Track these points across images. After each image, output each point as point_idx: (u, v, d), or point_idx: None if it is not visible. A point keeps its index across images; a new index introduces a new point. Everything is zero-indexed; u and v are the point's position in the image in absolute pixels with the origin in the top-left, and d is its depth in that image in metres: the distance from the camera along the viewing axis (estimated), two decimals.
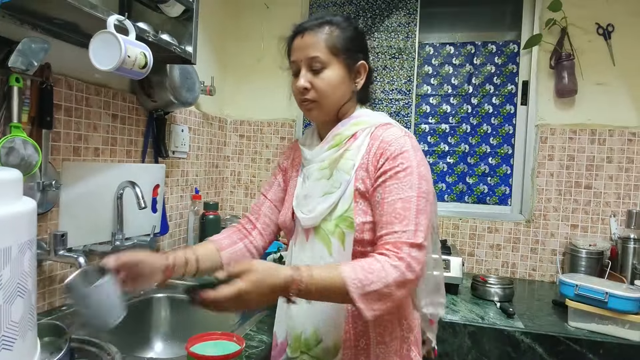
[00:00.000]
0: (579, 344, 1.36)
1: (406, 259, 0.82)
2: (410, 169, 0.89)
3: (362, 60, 1.00)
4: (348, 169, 0.94)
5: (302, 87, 0.96)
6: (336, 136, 0.99)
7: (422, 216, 0.86)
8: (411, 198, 0.86)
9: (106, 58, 1.03)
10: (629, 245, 1.80)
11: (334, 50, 0.95)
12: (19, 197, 0.63)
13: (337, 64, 0.96)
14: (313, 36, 0.95)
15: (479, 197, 2.18)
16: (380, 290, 0.79)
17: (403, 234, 0.84)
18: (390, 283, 0.80)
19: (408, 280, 0.81)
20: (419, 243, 0.83)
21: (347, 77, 0.98)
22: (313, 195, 0.98)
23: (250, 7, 2.30)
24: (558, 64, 1.95)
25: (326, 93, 0.96)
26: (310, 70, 0.96)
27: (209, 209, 1.84)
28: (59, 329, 0.83)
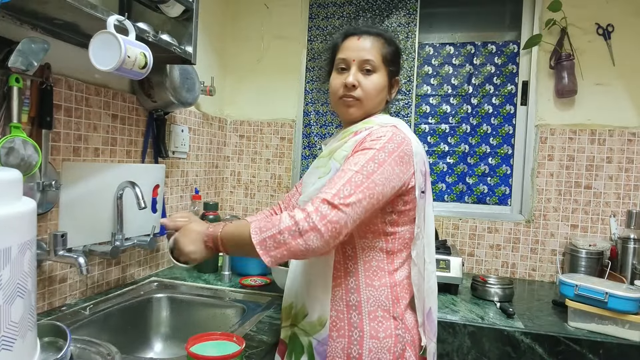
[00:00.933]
0: (579, 344, 1.36)
1: (309, 210, 0.85)
2: (368, 150, 0.93)
3: (397, 76, 1.11)
4: (340, 159, 1.00)
5: (351, 84, 1.03)
6: (345, 132, 1.07)
7: (350, 187, 0.87)
8: (349, 171, 0.90)
9: (106, 58, 1.03)
10: (629, 245, 1.80)
11: (384, 59, 1.05)
12: (19, 197, 0.63)
13: (383, 72, 1.06)
14: (370, 41, 1.05)
15: (479, 197, 2.18)
16: (274, 236, 0.85)
17: (323, 193, 0.88)
18: (282, 229, 0.85)
19: (302, 230, 0.84)
20: (332, 202, 0.85)
21: (387, 87, 1.08)
22: (310, 180, 1.08)
23: (250, 7, 2.30)
24: (558, 64, 1.95)
25: (370, 94, 1.04)
26: (361, 71, 1.04)
27: (209, 209, 1.84)
28: (59, 329, 0.83)
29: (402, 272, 1.02)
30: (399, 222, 1.00)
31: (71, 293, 1.32)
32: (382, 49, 1.05)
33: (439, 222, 2.11)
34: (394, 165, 0.93)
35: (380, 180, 0.90)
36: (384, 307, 0.98)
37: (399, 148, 0.95)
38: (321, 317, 1.00)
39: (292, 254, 0.87)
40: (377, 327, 0.97)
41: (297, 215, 0.86)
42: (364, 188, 0.88)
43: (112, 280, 1.50)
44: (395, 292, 1.00)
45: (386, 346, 0.96)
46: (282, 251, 0.86)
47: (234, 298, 1.48)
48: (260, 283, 1.61)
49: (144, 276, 1.66)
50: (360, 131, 1.02)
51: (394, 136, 0.96)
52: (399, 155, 0.94)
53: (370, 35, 1.06)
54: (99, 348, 0.93)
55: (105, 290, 1.46)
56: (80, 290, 1.36)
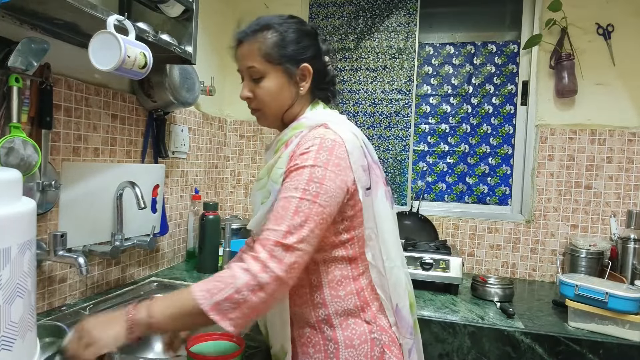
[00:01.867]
0: (579, 344, 1.36)
1: (262, 258, 0.78)
2: (302, 170, 0.85)
3: (307, 62, 0.96)
4: (277, 178, 0.91)
5: (244, 97, 0.98)
6: (278, 142, 0.99)
7: (300, 218, 0.81)
8: (292, 198, 0.83)
9: (106, 58, 1.03)
10: (629, 246, 1.79)
11: (268, 58, 0.94)
12: (18, 197, 0.63)
13: (274, 71, 0.95)
14: (248, 46, 0.96)
15: (479, 197, 2.18)
16: (231, 297, 0.75)
17: (273, 232, 0.81)
18: (240, 287, 0.76)
19: (263, 283, 0.76)
20: (286, 243, 0.79)
21: (288, 83, 0.97)
22: (255, 203, 0.99)
23: (250, 7, 2.30)
24: (558, 64, 1.95)
25: (266, 102, 0.97)
26: (252, 80, 0.97)
27: (209, 209, 1.83)
28: (60, 329, 0.83)
29: (367, 276, 0.98)
30: (353, 225, 0.95)
31: (71, 293, 1.32)
32: (263, 48, 0.94)
33: (439, 222, 2.10)
34: (334, 178, 0.86)
35: (327, 201, 0.84)
36: (354, 314, 0.95)
37: (332, 155, 0.87)
38: (283, 346, 0.96)
39: (255, 311, 0.78)
40: (351, 335, 0.93)
41: (252, 267, 0.77)
42: (314, 214, 0.82)
43: (112, 280, 1.50)
44: (363, 297, 0.96)
45: (362, 352, 0.93)
46: (242, 310, 0.76)
47: None
48: None
49: (144, 276, 1.66)
50: (291, 140, 0.95)
51: (322, 143, 0.88)
52: (335, 164, 0.87)
53: (247, 38, 0.96)
54: None
55: (105, 290, 1.46)
56: (80, 290, 1.36)
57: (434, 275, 1.69)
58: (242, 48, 0.97)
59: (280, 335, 0.96)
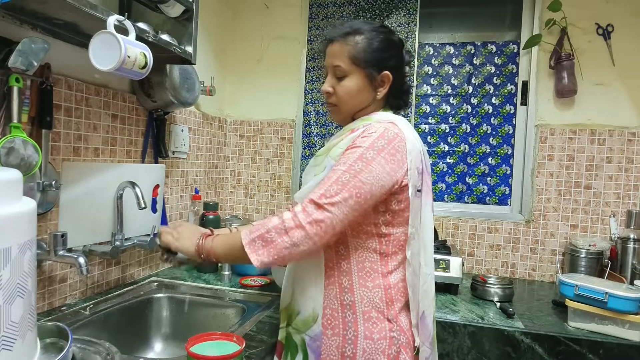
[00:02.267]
0: (579, 344, 1.36)
1: (296, 210, 0.89)
2: (357, 149, 0.93)
3: (388, 70, 1.03)
4: (335, 156, 0.99)
5: (325, 91, 1.06)
6: (345, 129, 1.07)
7: (337, 185, 0.90)
8: (337, 170, 0.92)
9: (106, 58, 1.03)
10: (629, 245, 1.80)
11: (355, 60, 1.01)
12: (19, 197, 0.63)
13: (357, 73, 1.02)
14: (339, 46, 1.03)
15: (479, 197, 2.18)
16: (262, 235, 0.89)
17: (312, 194, 0.91)
18: (270, 228, 0.89)
19: (288, 227, 0.88)
20: (318, 202, 0.89)
21: (368, 86, 1.04)
22: (307, 177, 1.07)
23: (250, 7, 2.30)
24: (558, 64, 1.95)
25: (344, 99, 1.04)
26: (335, 77, 1.04)
27: (209, 209, 1.84)
28: (61, 330, 0.83)
29: (396, 275, 1.00)
30: (394, 222, 0.98)
31: (71, 293, 1.32)
32: (352, 50, 1.01)
33: (439, 222, 2.11)
34: (383, 164, 0.92)
35: (368, 180, 0.91)
36: (378, 309, 0.97)
37: (390, 145, 0.94)
38: (314, 312, 1.00)
39: (278, 253, 0.88)
40: (371, 327, 0.96)
41: (285, 215, 0.90)
42: (351, 187, 0.89)
43: (112, 280, 1.50)
44: (389, 295, 0.98)
45: (380, 348, 0.95)
46: (269, 249, 0.89)
47: (234, 298, 1.48)
48: (260, 283, 1.61)
49: (144, 276, 1.66)
50: (358, 128, 1.01)
51: (385, 132, 0.95)
52: (390, 153, 0.93)
53: (338, 39, 1.03)
54: (98, 348, 0.93)
55: (105, 290, 1.46)
56: (80, 290, 1.36)
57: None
58: (333, 47, 1.04)
59: (314, 300, 1.01)
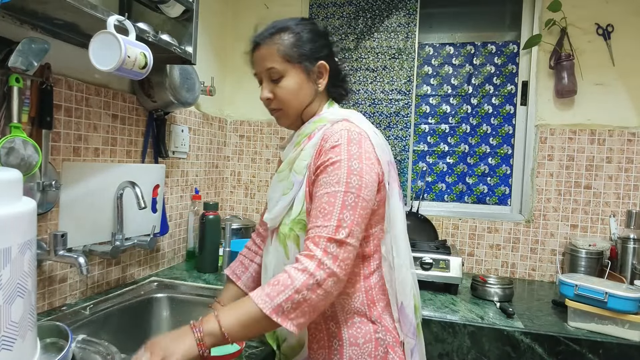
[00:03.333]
0: (579, 344, 1.36)
1: (318, 256, 0.81)
2: (339, 163, 0.88)
3: (323, 60, 1.00)
4: (301, 169, 0.96)
5: (265, 98, 1.00)
6: (299, 135, 1.01)
7: (348, 212, 0.85)
8: (337, 193, 0.86)
9: (106, 58, 1.03)
10: (629, 245, 1.80)
11: (287, 58, 0.97)
12: (19, 197, 0.63)
13: (293, 70, 0.98)
14: (266, 48, 0.98)
15: (479, 197, 2.18)
16: (291, 298, 0.79)
17: (324, 229, 0.83)
18: (299, 288, 0.79)
19: (320, 281, 0.80)
20: (338, 239, 0.82)
21: (307, 80, 1.00)
22: (274, 196, 1.01)
23: (250, 7, 2.30)
24: (558, 64, 1.96)
25: (286, 101, 0.99)
26: (271, 81, 0.99)
27: (209, 209, 1.83)
28: (61, 330, 0.83)
29: (377, 274, 0.98)
30: (372, 222, 0.95)
31: (71, 293, 1.33)
32: (281, 48, 0.97)
33: (439, 222, 2.11)
34: (369, 171, 0.89)
35: (368, 195, 0.88)
36: (360, 313, 0.95)
37: (362, 148, 0.91)
38: (299, 339, 0.97)
39: (314, 309, 0.82)
40: (355, 333, 0.94)
41: (309, 266, 0.81)
42: (360, 209, 0.86)
43: (112, 280, 1.50)
44: (370, 296, 0.96)
45: (367, 351, 0.94)
46: (303, 309, 0.80)
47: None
48: None
49: (144, 276, 1.66)
50: (314, 133, 0.98)
51: (350, 136, 0.91)
52: (367, 157, 0.91)
53: (265, 41, 0.99)
54: (98, 348, 0.93)
55: (105, 290, 1.46)
56: (80, 290, 1.36)
57: (433, 275, 1.69)
58: (260, 51, 0.99)
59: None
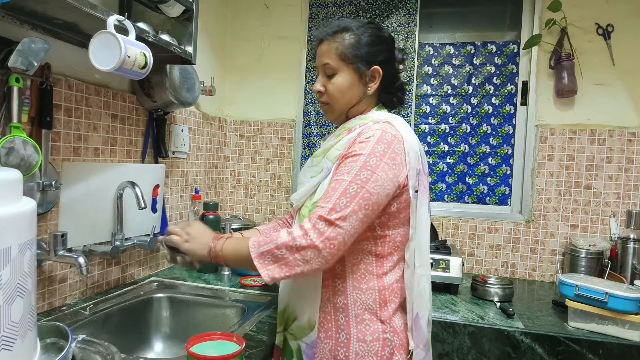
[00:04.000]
0: (579, 344, 1.36)
1: (306, 227, 0.88)
2: (359, 157, 0.93)
3: (377, 65, 1.03)
4: (333, 158, 1.00)
5: (316, 90, 1.07)
6: (342, 128, 1.07)
7: (346, 199, 0.89)
8: (343, 181, 0.91)
9: (106, 58, 1.03)
10: (629, 245, 1.80)
11: (343, 57, 1.02)
12: (19, 197, 0.63)
13: (346, 69, 1.03)
14: (327, 44, 1.04)
15: (479, 197, 2.18)
16: (272, 251, 0.89)
17: (320, 208, 0.90)
18: (279, 245, 0.88)
19: (299, 246, 0.87)
20: (329, 218, 0.88)
21: (358, 82, 1.04)
22: (303, 179, 1.08)
23: (250, 7, 2.30)
24: (558, 64, 1.95)
25: (334, 97, 1.04)
26: (325, 76, 1.05)
27: (209, 209, 1.83)
28: (61, 330, 0.83)
29: (392, 276, 0.99)
30: (389, 224, 0.97)
31: (71, 293, 1.32)
32: (340, 47, 1.02)
33: (439, 222, 2.11)
34: (387, 170, 0.92)
35: (375, 189, 0.90)
36: (371, 310, 0.96)
37: (390, 148, 0.93)
38: (310, 319, 1.00)
39: (290, 270, 0.88)
40: (364, 330, 0.96)
41: (295, 232, 0.89)
42: (360, 199, 0.89)
43: (112, 280, 1.50)
44: (383, 296, 0.97)
45: (373, 350, 0.95)
46: (280, 266, 0.88)
47: (234, 298, 1.48)
48: (260, 283, 1.61)
49: (144, 276, 1.66)
50: (355, 128, 1.02)
51: (382, 135, 0.94)
52: (391, 157, 0.93)
53: (327, 38, 1.04)
54: (98, 348, 0.93)
55: (105, 290, 1.46)
56: (80, 290, 1.36)
57: (433, 275, 1.67)
58: (322, 46, 1.05)
59: (310, 306, 1.00)
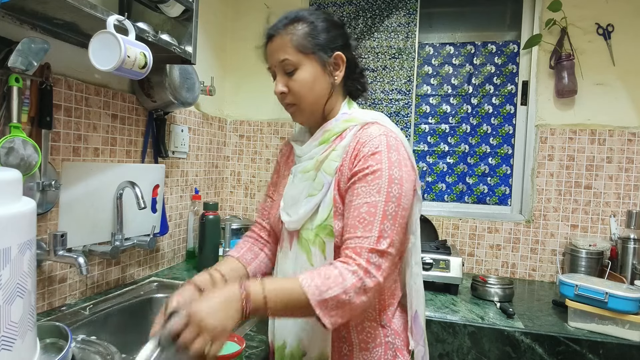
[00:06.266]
0: (579, 344, 1.36)
1: (364, 265, 0.79)
2: (380, 172, 0.85)
3: (339, 51, 0.94)
4: (331, 171, 0.91)
5: (278, 92, 0.95)
6: (325, 132, 0.96)
7: (389, 222, 0.82)
8: (378, 202, 0.83)
9: (106, 58, 1.03)
10: (629, 245, 1.79)
11: (301, 48, 0.92)
12: (18, 197, 0.63)
13: (307, 61, 0.93)
14: (280, 39, 0.94)
15: (479, 197, 2.18)
16: (338, 297, 0.77)
17: (365, 240, 0.81)
18: (348, 288, 0.77)
19: (367, 287, 0.79)
20: (380, 249, 0.80)
21: (323, 73, 0.94)
22: (299, 196, 0.95)
23: (250, 7, 2.30)
24: (558, 64, 1.95)
25: (301, 94, 0.94)
26: (285, 74, 0.94)
27: (209, 209, 1.83)
28: (61, 330, 0.83)
29: (390, 279, 0.96)
30: None
31: (71, 293, 1.32)
32: (295, 39, 0.92)
33: (439, 222, 2.10)
34: (407, 179, 0.87)
35: (407, 204, 0.86)
36: (370, 317, 0.94)
37: (400, 154, 0.88)
38: (322, 354, 0.92)
39: (353, 313, 0.80)
40: (366, 338, 0.93)
41: (358, 270, 0.79)
42: (399, 217, 0.84)
43: (112, 280, 1.50)
44: (382, 301, 0.95)
45: (376, 356, 0.93)
46: (344, 311, 0.78)
47: None
48: None
49: (144, 276, 1.66)
50: (345, 133, 0.93)
51: (389, 142, 0.88)
52: (405, 164, 0.88)
53: (278, 32, 0.94)
54: (98, 348, 0.93)
55: (105, 290, 1.46)
56: (80, 290, 1.36)
57: (434, 275, 1.69)
58: (274, 43, 0.95)
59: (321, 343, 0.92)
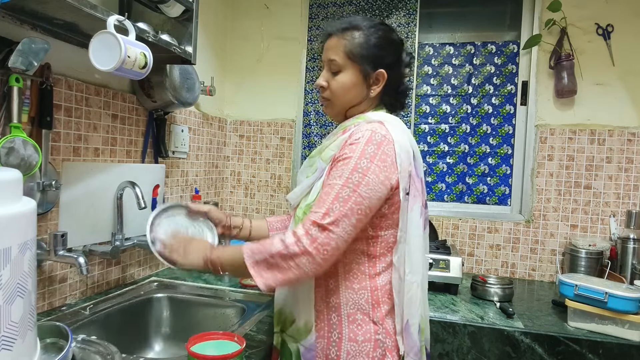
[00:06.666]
0: (579, 344, 1.36)
1: (299, 234, 0.88)
2: (349, 160, 0.92)
3: (383, 68, 1.01)
4: (326, 158, 1.00)
5: (318, 85, 1.05)
6: (339, 128, 1.06)
7: (339, 203, 0.88)
8: (335, 185, 0.91)
9: (106, 58, 1.03)
10: (629, 245, 1.80)
11: (350, 55, 1.00)
12: (19, 197, 0.63)
13: (351, 68, 1.01)
14: (336, 40, 1.02)
15: (479, 197, 2.18)
16: (266, 260, 0.89)
17: (313, 214, 0.89)
18: (273, 253, 0.88)
19: (292, 254, 0.87)
20: (321, 224, 0.87)
21: (361, 83, 1.02)
22: (301, 177, 1.08)
23: (250, 7, 2.30)
24: (558, 64, 1.96)
25: (337, 94, 1.03)
26: (330, 72, 1.03)
27: None
28: (61, 330, 0.83)
29: (384, 277, 0.98)
30: (382, 225, 0.96)
31: (71, 293, 1.33)
32: (348, 45, 1.00)
33: (439, 222, 2.11)
34: (378, 172, 0.90)
35: (367, 193, 0.89)
36: (364, 311, 0.96)
37: (379, 149, 0.91)
38: (307, 322, 1.00)
39: (284, 277, 0.88)
40: (355, 330, 0.95)
41: (288, 239, 0.88)
42: (352, 203, 0.88)
43: (112, 280, 1.50)
44: (375, 296, 0.96)
45: (364, 350, 0.94)
46: (274, 273, 0.88)
47: (234, 298, 1.48)
48: None
49: (144, 276, 1.66)
50: (349, 128, 1.01)
51: (372, 136, 0.92)
52: (381, 159, 0.91)
53: (337, 34, 1.02)
54: (98, 348, 0.93)
55: (105, 290, 1.46)
56: (80, 290, 1.36)
57: (433, 275, 1.69)
58: (330, 41, 1.04)
59: (307, 308, 1.00)
